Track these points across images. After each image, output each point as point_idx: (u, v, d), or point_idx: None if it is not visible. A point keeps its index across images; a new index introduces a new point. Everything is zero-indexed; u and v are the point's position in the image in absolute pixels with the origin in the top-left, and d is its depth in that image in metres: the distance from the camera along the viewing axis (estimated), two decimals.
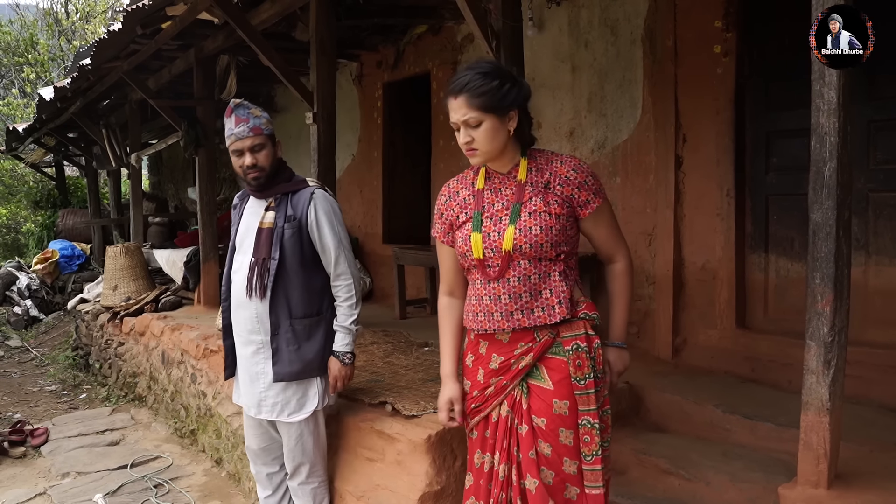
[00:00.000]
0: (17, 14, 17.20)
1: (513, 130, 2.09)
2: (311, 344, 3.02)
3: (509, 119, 2.07)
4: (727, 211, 4.22)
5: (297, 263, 2.99)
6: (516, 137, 2.13)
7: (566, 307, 2.11)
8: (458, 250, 2.23)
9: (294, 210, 3.00)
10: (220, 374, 4.82)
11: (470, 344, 2.30)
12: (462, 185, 2.29)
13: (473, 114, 2.03)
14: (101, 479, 4.55)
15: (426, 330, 5.24)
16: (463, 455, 3.09)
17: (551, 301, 2.11)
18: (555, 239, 2.09)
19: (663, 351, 4.49)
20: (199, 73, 6.41)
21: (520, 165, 2.15)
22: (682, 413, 3.71)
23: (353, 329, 3.05)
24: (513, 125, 2.08)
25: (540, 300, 2.11)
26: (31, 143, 11.24)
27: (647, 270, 4.67)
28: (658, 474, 3.31)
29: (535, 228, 2.08)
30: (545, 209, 2.09)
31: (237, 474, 4.42)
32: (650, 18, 4.54)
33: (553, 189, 2.12)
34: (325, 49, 4.66)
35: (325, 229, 2.99)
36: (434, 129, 6.43)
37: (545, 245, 2.08)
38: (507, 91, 2.04)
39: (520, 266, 2.11)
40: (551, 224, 2.09)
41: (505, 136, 2.09)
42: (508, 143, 2.12)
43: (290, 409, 3.04)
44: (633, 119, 4.69)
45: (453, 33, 6.08)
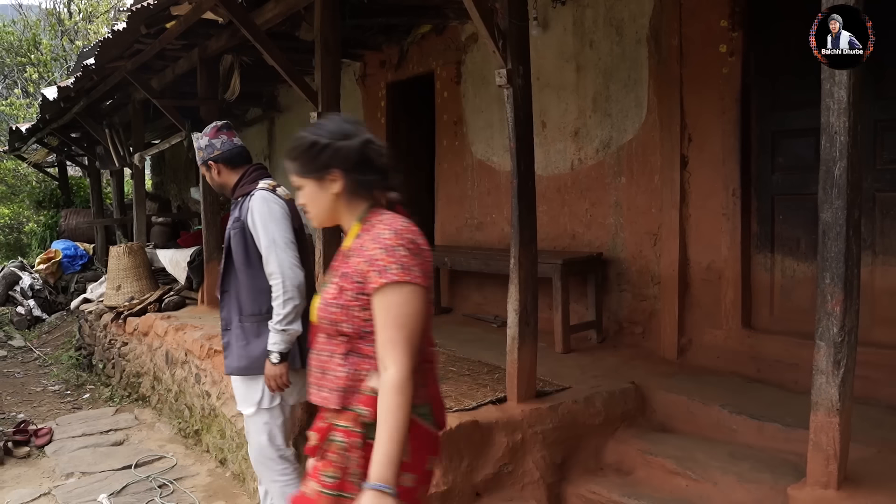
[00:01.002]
0: (20, 14, 17.20)
1: (339, 193, 1.93)
2: (259, 342, 3.04)
3: (330, 182, 1.91)
4: (733, 211, 4.21)
5: (243, 263, 3.07)
6: (353, 199, 1.95)
7: (336, 395, 1.88)
8: None
9: (240, 212, 3.09)
10: (223, 374, 4.83)
11: None
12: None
13: (294, 178, 1.95)
14: (105, 480, 4.54)
15: (433, 330, 5.23)
16: (470, 456, 3.09)
17: (330, 383, 1.91)
18: (334, 317, 1.89)
19: (668, 351, 4.48)
20: (203, 72, 6.40)
21: (351, 230, 1.96)
22: (688, 413, 3.70)
23: (282, 328, 2.95)
24: (335, 188, 1.92)
25: (325, 379, 1.93)
26: (33, 144, 11.23)
27: (651, 270, 4.66)
28: (665, 474, 3.31)
29: (327, 302, 1.91)
30: (337, 282, 1.91)
31: (241, 474, 4.41)
32: (655, 18, 4.53)
33: (352, 260, 1.89)
34: (330, 49, 4.64)
35: (258, 229, 3.00)
36: (438, 129, 6.42)
37: (332, 321, 1.90)
38: (317, 153, 1.91)
39: (319, 339, 1.97)
40: (336, 299, 1.89)
41: (329, 200, 1.93)
42: (342, 206, 1.95)
43: (242, 404, 3.15)
44: (638, 119, 4.68)
45: (457, 33, 6.07)
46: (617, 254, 4.87)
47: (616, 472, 3.51)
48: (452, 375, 3.82)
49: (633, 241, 4.78)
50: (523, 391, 3.38)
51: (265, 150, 9.77)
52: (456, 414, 3.16)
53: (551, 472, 3.33)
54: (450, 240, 6.34)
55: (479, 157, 5.95)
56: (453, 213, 6.29)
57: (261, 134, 9.82)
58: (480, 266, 5.11)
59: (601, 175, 4.94)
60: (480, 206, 5.97)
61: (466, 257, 5.24)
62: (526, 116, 3.29)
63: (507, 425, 3.23)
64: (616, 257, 4.87)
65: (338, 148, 1.91)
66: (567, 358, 4.49)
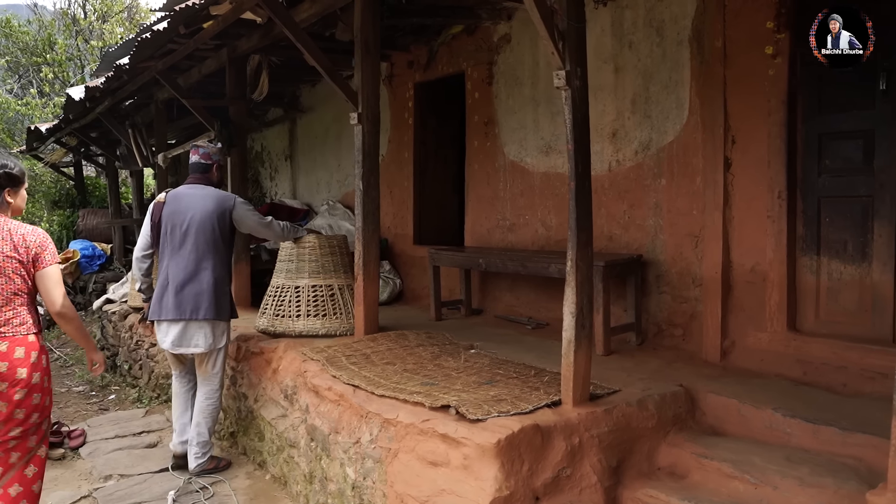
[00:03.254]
0: (35, 14, 17.18)
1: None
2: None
3: None
4: (778, 213, 4.19)
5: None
6: None
7: None
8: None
9: None
10: (261, 376, 4.82)
11: None
12: None
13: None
14: (144, 483, 4.53)
15: (466, 331, 5.23)
16: (530, 460, 3.07)
17: None
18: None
19: (711, 353, 4.46)
20: (232, 72, 6.40)
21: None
22: (740, 416, 3.68)
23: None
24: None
25: None
26: (51, 143, 11.22)
27: (693, 272, 4.64)
28: (721, 478, 3.29)
29: None
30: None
31: (283, 478, 4.40)
32: (698, 19, 4.51)
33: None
34: (370, 49, 4.64)
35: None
36: (468, 129, 6.40)
37: None
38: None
39: None
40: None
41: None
42: None
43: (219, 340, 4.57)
44: (679, 120, 4.67)
45: (489, 34, 6.05)
46: (656, 256, 4.85)
47: (670, 475, 3.50)
48: (501, 378, 3.80)
49: (673, 242, 4.75)
50: (578, 394, 3.36)
51: (286, 150, 9.75)
52: (515, 417, 3.15)
53: (607, 476, 3.31)
54: (481, 241, 6.32)
55: (512, 158, 5.93)
56: (484, 214, 6.27)
57: (282, 134, 9.81)
58: (517, 268, 5.08)
59: (640, 177, 4.93)
60: (513, 208, 5.95)
61: (502, 259, 5.21)
62: (583, 118, 3.27)
63: (564, 429, 3.21)
64: (655, 259, 4.86)
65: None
66: (609, 360, 4.47)
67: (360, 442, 3.57)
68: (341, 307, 4.91)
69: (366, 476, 3.51)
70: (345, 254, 5.07)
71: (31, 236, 3.30)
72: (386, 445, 3.41)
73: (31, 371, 3.20)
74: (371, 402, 3.59)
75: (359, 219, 4.73)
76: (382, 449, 3.42)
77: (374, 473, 3.45)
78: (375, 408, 3.53)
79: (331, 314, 4.89)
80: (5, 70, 17.16)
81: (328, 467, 3.83)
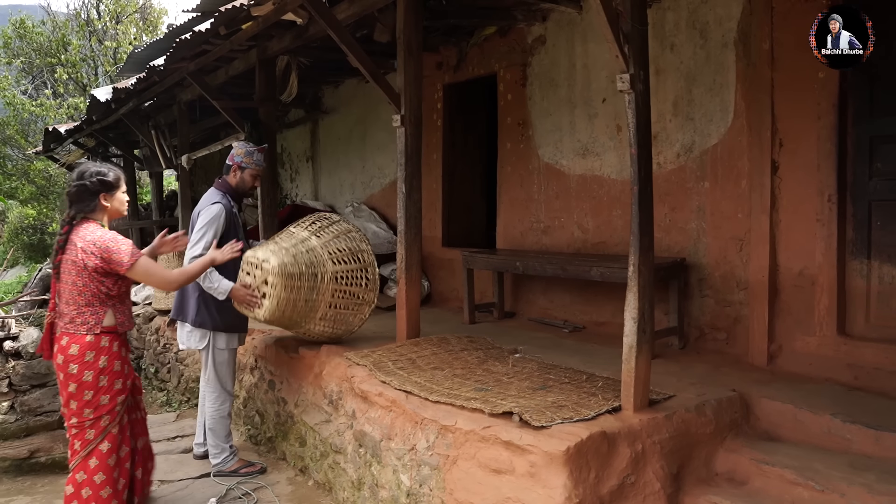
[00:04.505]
0: (49, 15, 17.15)
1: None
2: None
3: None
4: (828, 217, 4.16)
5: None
6: None
7: None
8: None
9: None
10: (302, 381, 4.79)
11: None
12: None
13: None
14: (186, 489, 4.50)
15: (502, 335, 5.20)
16: (597, 467, 3.04)
17: None
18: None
19: (757, 358, 4.43)
20: (262, 74, 6.37)
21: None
22: (796, 421, 3.65)
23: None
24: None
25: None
26: (68, 145, 11.18)
27: (737, 276, 4.61)
28: (784, 485, 3.26)
29: None
30: None
31: (327, 483, 4.36)
32: (744, 21, 4.49)
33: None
34: (413, 51, 4.61)
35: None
36: (501, 131, 6.37)
37: None
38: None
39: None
40: None
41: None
42: None
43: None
44: (723, 123, 4.64)
45: (523, 35, 6.02)
46: (699, 259, 4.82)
47: (729, 481, 3.46)
48: (554, 383, 3.77)
49: (716, 246, 4.72)
50: (639, 400, 3.33)
51: (307, 151, 9.72)
52: (580, 424, 3.12)
53: (669, 483, 3.28)
54: (514, 243, 6.29)
55: (547, 161, 5.90)
56: (518, 217, 6.24)
57: (303, 135, 9.77)
58: (557, 271, 5.05)
59: (682, 179, 4.89)
60: (548, 210, 5.92)
61: (540, 262, 5.18)
62: (646, 122, 3.24)
63: (628, 435, 3.18)
64: (698, 262, 4.83)
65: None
66: (654, 364, 4.35)
67: (415, 449, 3.54)
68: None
69: (422, 483, 3.48)
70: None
71: (91, 244, 3.39)
72: (444, 452, 3.38)
73: (83, 368, 3.41)
74: (426, 409, 3.56)
75: (401, 222, 4.70)
76: (440, 456, 3.39)
77: (432, 481, 3.42)
78: (431, 414, 3.50)
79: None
80: (19, 71, 17.12)
81: (379, 474, 3.80)
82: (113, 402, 3.50)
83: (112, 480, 3.52)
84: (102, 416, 3.47)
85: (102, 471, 3.48)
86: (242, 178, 4.64)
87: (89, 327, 3.43)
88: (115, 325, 3.52)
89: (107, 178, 3.52)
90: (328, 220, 4.78)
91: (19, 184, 15.37)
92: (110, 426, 3.51)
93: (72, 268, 3.40)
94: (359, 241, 4.72)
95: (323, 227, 4.72)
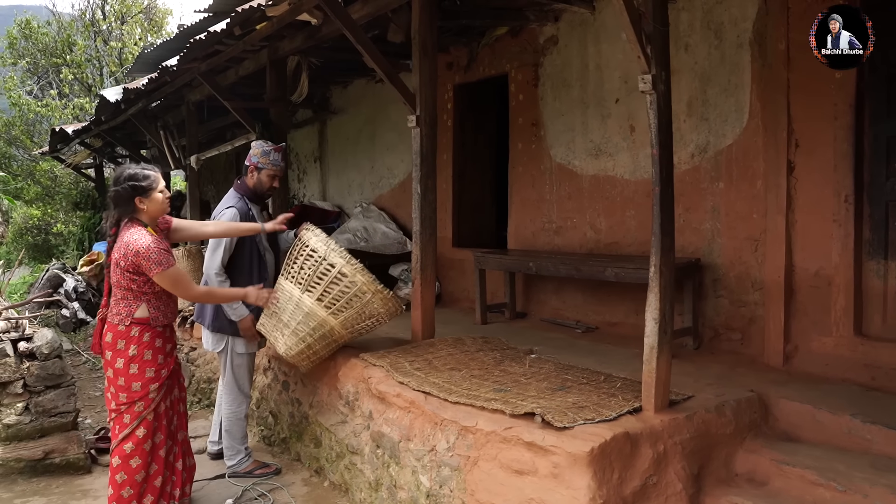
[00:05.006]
0: (54, 15, 17.15)
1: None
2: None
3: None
4: (845, 217, 4.16)
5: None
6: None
7: None
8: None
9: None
10: (317, 381, 4.79)
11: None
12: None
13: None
14: (201, 490, 4.49)
15: (515, 335, 5.19)
16: (620, 468, 3.04)
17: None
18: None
19: (773, 358, 4.43)
20: (273, 74, 6.36)
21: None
22: (815, 422, 3.65)
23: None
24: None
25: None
26: (74, 145, 11.18)
27: (752, 276, 4.61)
28: (805, 485, 3.25)
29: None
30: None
31: (344, 484, 4.36)
32: (760, 22, 4.49)
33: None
34: (428, 51, 4.61)
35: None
36: (512, 132, 6.37)
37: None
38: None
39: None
40: None
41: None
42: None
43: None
44: (738, 124, 4.64)
45: (535, 35, 6.02)
46: (713, 259, 4.82)
47: (749, 482, 3.46)
48: (572, 384, 3.77)
49: (731, 246, 4.72)
50: (660, 401, 3.33)
51: (315, 151, 9.73)
52: (602, 425, 3.12)
53: (690, 483, 3.28)
54: (525, 244, 6.29)
55: (559, 161, 5.90)
56: (529, 217, 6.24)
57: (311, 136, 9.78)
58: (570, 271, 5.05)
59: (696, 180, 4.89)
60: (560, 210, 5.92)
61: (554, 262, 5.18)
62: (668, 123, 3.25)
63: (650, 436, 3.18)
64: (712, 263, 4.83)
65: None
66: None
67: (435, 450, 3.54)
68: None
69: (442, 484, 3.48)
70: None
71: (126, 246, 3.57)
72: (464, 453, 3.38)
73: (115, 356, 3.64)
74: (445, 409, 3.56)
75: (416, 223, 4.70)
76: (461, 457, 3.39)
77: (452, 482, 3.42)
78: (451, 415, 3.50)
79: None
80: (25, 71, 17.12)
81: (398, 475, 3.80)
82: (145, 390, 3.65)
83: (145, 465, 3.69)
84: (136, 401, 3.65)
85: (138, 455, 3.66)
86: (259, 179, 4.57)
87: (121, 318, 3.64)
88: (148, 318, 3.70)
89: (139, 182, 3.65)
90: (315, 260, 4.09)
91: (25, 184, 15.38)
92: (145, 413, 3.68)
93: (114, 266, 3.64)
94: (353, 273, 4.06)
95: (311, 274, 4.09)
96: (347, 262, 4.05)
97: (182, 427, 4.03)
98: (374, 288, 4.10)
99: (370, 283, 4.08)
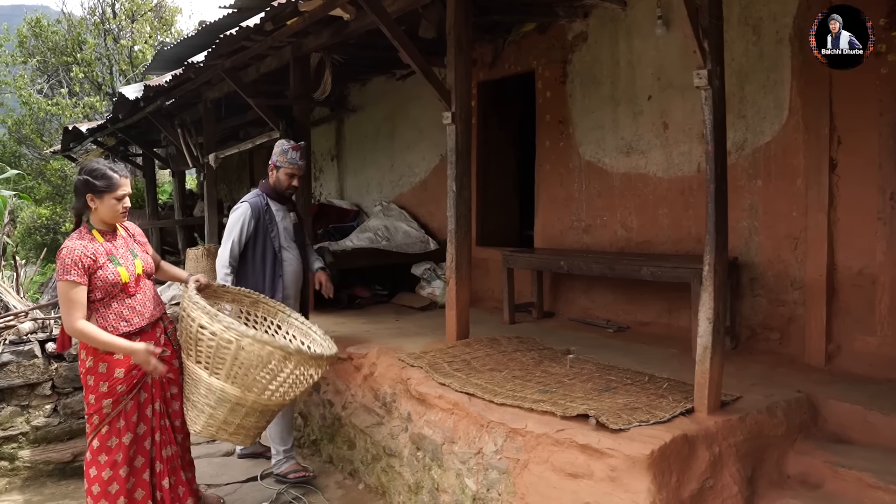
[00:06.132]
0: (64, 14, 17.09)
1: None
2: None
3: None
4: (890, 215, 4.10)
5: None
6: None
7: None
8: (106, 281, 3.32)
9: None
10: (349, 382, 4.73)
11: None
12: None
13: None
14: (234, 493, 4.45)
15: (547, 335, 5.13)
16: (678, 471, 2.98)
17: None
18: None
19: (814, 358, 4.37)
20: (297, 71, 6.30)
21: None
22: (866, 423, 3.59)
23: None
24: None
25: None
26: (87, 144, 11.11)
27: (791, 275, 4.55)
28: (862, 488, 3.19)
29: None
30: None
31: (381, 488, 4.30)
32: (800, 17, 4.42)
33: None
34: (463, 47, 4.55)
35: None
36: (539, 129, 6.30)
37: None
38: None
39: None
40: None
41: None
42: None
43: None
44: (777, 121, 4.57)
45: (563, 32, 5.95)
46: (751, 258, 4.76)
47: (802, 484, 3.40)
48: (618, 385, 3.71)
49: (769, 245, 4.66)
50: (712, 402, 3.28)
51: (332, 149, 9.66)
52: (657, 427, 3.06)
53: (745, 486, 3.22)
54: (553, 242, 6.23)
55: (588, 159, 5.84)
56: (557, 216, 6.17)
57: (328, 134, 9.71)
58: (603, 270, 4.99)
59: (733, 178, 4.80)
60: (589, 209, 5.86)
61: (586, 261, 5.12)
62: (722, 119, 3.19)
63: (706, 438, 3.13)
64: (750, 261, 4.76)
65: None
66: None
67: (482, 452, 3.48)
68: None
69: (490, 488, 3.42)
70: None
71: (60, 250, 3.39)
72: (513, 456, 3.32)
73: (80, 366, 3.48)
74: (491, 411, 3.50)
75: (451, 221, 4.65)
76: (510, 460, 3.33)
77: (500, 485, 3.36)
78: (497, 417, 3.44)
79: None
80: (35, 70, 17.05)
81: (440, 478, 3.74)
82: (98, 404, 3.38)
83: (102, 481, 3.40)
84: (92, 413, 3.42)
85: (95, 466, 3.42)
86: (278, 177, 4.47)
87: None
88: (110, 326, 3.37)
89: (95, 180, 3.35)
90: (186, 322, 3.47)
91: (35, 183, 15.30)
92: (100, 425, 3.41)
93: None
94: (261, 346, 3.30)
95: (212, 352, 3.33)
96: (208, 315, 3.28)
97: (168, 443, 3.62)
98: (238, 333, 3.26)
99: (229, 331, 3.26)
